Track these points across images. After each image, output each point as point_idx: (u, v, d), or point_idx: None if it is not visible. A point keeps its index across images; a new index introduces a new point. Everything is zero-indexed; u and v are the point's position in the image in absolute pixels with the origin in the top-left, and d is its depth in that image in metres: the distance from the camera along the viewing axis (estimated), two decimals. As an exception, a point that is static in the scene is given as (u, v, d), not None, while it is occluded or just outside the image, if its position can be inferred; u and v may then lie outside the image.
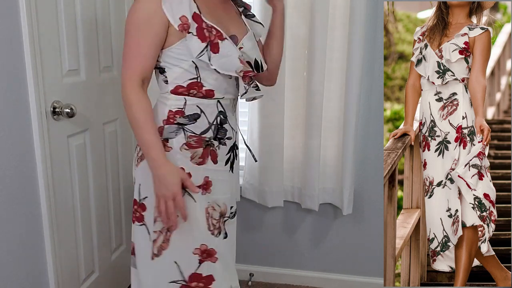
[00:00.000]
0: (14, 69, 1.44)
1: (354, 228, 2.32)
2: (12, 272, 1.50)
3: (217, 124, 1.35)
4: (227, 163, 1.40)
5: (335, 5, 2.01)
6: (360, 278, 2.37)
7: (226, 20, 1.36)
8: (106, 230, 2.06)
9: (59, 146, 1.67)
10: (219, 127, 1.35)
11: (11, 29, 1.42)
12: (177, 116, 1.32)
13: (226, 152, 1.39)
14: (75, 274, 1.83)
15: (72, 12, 1.71)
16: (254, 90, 1.39)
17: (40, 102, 1.54)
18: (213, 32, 1.27)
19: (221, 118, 1.36)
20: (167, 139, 1.31)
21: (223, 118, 1.36)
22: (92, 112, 1.88)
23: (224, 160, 1.38)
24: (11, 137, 1.45)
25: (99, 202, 1.98)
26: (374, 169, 2.23)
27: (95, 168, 1.92)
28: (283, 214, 2.36)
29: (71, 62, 1.71)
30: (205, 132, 1.33)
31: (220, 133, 1.36)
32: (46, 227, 1.62)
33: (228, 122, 1.38)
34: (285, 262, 2.43)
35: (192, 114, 1.32)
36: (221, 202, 1.38)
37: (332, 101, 2.12)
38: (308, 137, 2.12)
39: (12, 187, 1.47)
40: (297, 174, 2.25)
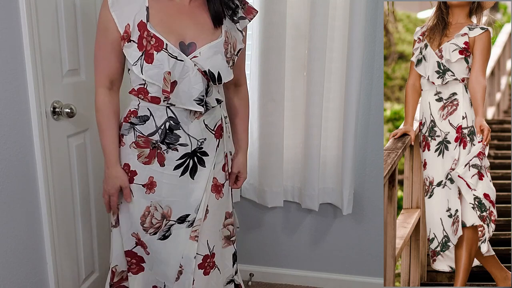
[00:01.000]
0: (14, 69, 1.44)
1: (354, 228, 2.32)
2: (12, 272, 1.50)
3: (165, 129, 1.39)
4: (178, 168, 1.42)
5: (335, 5, 2.01)
6: (360, 278, 2.37)
7: (185, 26, 1.35)
8: (106, 230, 2.05)
9: (59, 146, 1.67)
10: (167, 132, 1.39)
11: (11, 29, 1.42)
12: (131, 116, 1.42)
13: (178, 158, 1.41)
14: (75, 274, 1.83)
15: (72, 12, 1.71)
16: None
17: (40, 102, 1.54)
18: (151, 41, 1.30)
19: (171, 123, 1.39)
20: (123, 135, 1.44)
21: (173, 124, 1.39)
22: (92, 112, 1.87)
23: (174, 165, 1.41)
24: (11, 137, 1.45)
25: (99, 202, 1.97)
26: (374, 169, 2.23)
27: (95, 168, 1.92)
28: (283, 214, 2.36)
29: (71, 62, 1.71)
30: (152, 135, 1.40)
31: (169, 138, 1.40)
32: (46, 227, 1.62)
33: (182, 129, 1.40)
34: (285, 262, 2.43)
35: (143, 116, 1.40)
36: (164, 204, 1.44)
37: (332, 101, 2.12)
38: (308, 137, 2.12)
39: (12, 187, 1.47)
40: (297, 174, 2.25)
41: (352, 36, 1.97)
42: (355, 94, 2.03)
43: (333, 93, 2.11)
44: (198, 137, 1.42)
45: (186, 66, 1.32)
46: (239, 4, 1.44)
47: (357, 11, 1.94)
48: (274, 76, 2.06)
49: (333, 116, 2.13)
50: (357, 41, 1.97)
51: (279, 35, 2.03)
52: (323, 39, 2.00)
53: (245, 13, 1.46)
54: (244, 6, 1.46)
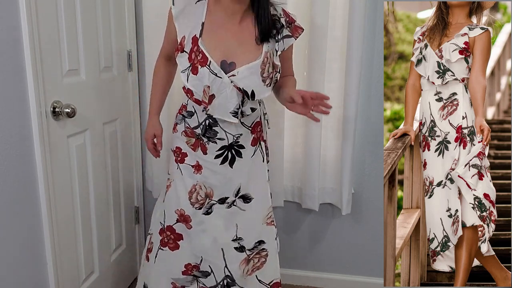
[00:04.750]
0: (14, 69, 1.44)
1: (354, 228, 2.32)
2: (12, 272, 1.50)
3: (205, 125, 1.60)
4: (218, 158, 1.62)
5: (335, 5, 2.01)
6: (360, 278, 2.37)
7: (230, 45, 1.52)
8: (106, 230, 2.06)
9: (59, 146, 1.67)
10: (207, 127, 1.60)
11: (11, 29, 1.42)
12: (183, 110, 1.66)
13: (217, 149, 1.61)
14: (75, 274, 1.83)
15: (72, 12, 1.71)
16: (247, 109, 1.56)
17: (40, 102, 1.53)
18: (198, 56, 1.50)
19: (210, 121, 1.59)
20: (176, 124, 1.68)
21: (212, 122, 1.59)
22: (92, 112, 1.88)
23: (214, 154, 1.62)
24: (11, 137, 1.45)
25: (99, 202, 1.98)
26: (374, 169, 2.23)
27: (95, 168, 1.92)
28: (283, 214, 2.36)
29: (71, 62, 1.71)
30: (196, 128, 1.62)
31: (209, 132, 1.60)
32: (46, 227, 1.62)
33: (220, 126, 1.59)
34: (285, 262, 2.43)
35: (190, 111, 1.63)
36: (208, 185, 1.64)
37: (332, 101, 2.11)
38: (308, 137, 2.12)
39: (12, 187, 1.47)
40: (297, 174, 2.25)
41: (352, 36, 1.97)
42: (355, 94, 2.03)
43: (333, 93, 2.11)
44: (233, 132, 1.60)
45: (224, 82, 1.49)
46: (284, 23, 1.56)
47: (357, 11, 1.94)
48: (274, 76, 2.06)
49: (333, 116, 2.13)
50: (357, 41, 1.97)
51: (279, 35, 2.03)
52: (323, 39, 2.00)
53: (292, 32, 1.57)
54: (290, 25, 1.57)
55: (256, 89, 1.51)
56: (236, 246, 1.66)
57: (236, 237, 1.65)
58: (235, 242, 1.66)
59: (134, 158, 2.28)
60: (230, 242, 1.65)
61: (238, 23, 1.53)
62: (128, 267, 2.31)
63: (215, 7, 1.53)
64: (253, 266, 1.69)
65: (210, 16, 1.53)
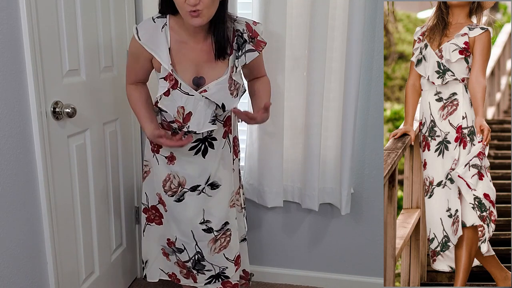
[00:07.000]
0: (14, 69, 1.44)
1: (354, 228, 2.32)
2: (12, 272, 1.50)
3: None
4: (192, 149, 1.72)
5: (335, 5, 2.01)
6: (360, 278, 2.38)
7: (196, 63, 1.60)
8: (106, 230, 2.06)
9: (59, 146, 1.67)
10: None
11: (11, 29, 1.42)
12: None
13: (192, 141, 1.70)
14: (75, 274, 1.83)
15: (72, 12, 1.71)
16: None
17: (40, 102, 1.53)
18: (172, 82, 1.58)
19: None
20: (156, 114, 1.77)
21: None
22: (92, 112, 1.88)
23: (189, 146, 1.71)
24: (11, 137, 1.45)
25: (99, 202, 1.98)
26: (374, 169, 2.23)
27: (95, 168, 1.92)
28: (283, 214, 2.36)
29: (71, 62, 1.71)
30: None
31: None
32: (46, 227, 1.62)
33: None
34: (285, 262, 2.43)
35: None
36: (181, 175, 1.75)
37: (332, 101, 2.12)
38: (308, 137, 2.12)
39: (12, 187, 1.47)
40: (297, 174, 2.25)
41: (352, 36, 1.97)
42: (355, 94, 2.03)
43: (333, 93, 2.11)
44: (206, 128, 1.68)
45: (196, 99, 1.59)
46: (247, 38, 1.63)
47: (356, 11, 1.94)
48: (274, 76, 2.06)
49: (333, 115, 2.13)
50: (357, 41, 1.97)
51: (279, 35, 2.03)
52: (323, 39, 2.00)
53: (255, 46, 1.64)
54: (253, 40, 1.64)
55: (225, 102, 1.61)
56: (204, 228, 1.78)
57: (203, 220, 1.77)
58: (203, 225, 1.77)
59: (134, 158, 2.28)
60: (198, 225, 1.77)
61: (202, 41, 1.60)
62: (128, 267, 2.31)
63: (178, 26, 1.58)
64: (220, 245, 1.81)
65: (175, 36, 1.59)
